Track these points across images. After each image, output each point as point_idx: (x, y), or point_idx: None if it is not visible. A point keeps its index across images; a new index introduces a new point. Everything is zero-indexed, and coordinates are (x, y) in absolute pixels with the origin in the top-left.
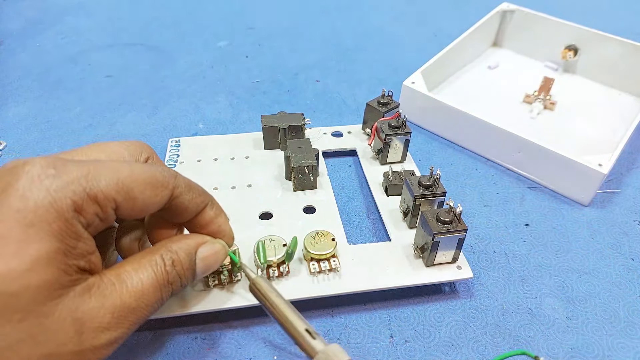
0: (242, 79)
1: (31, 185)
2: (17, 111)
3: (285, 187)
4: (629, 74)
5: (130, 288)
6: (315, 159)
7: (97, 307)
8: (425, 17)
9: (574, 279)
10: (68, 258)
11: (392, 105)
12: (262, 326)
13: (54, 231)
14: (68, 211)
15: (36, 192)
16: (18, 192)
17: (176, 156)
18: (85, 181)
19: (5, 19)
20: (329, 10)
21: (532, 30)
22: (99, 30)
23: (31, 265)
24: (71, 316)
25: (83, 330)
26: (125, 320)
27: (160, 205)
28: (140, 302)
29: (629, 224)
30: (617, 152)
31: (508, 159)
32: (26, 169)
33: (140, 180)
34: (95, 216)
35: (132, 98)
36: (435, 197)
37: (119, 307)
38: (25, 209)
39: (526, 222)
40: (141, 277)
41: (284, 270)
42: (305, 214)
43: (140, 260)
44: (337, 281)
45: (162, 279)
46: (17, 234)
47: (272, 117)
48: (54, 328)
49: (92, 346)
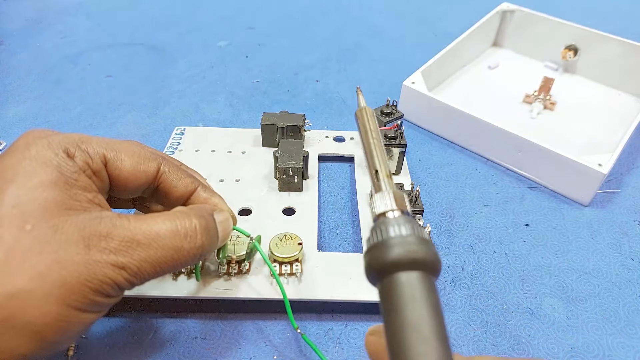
0: (242, 79)
1: (34, 140)
2: (17, 111)
3: (271, 186)
4: (629, 73)
5: (145, 227)
6: (302, 161)
7: (105, 232)
8: (425, 17)
9: (574, 278)
10: (71, 186)
11: (396, 114)
12: (263, 325)
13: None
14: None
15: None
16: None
17: (177, 144)
18: (78, 138)
19: (5, 19)
20: (329, 10)
21: (532, 30)
22: (99, 30)
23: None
24: (79, 232)
25: (90, 246)
26: (134, 252)
27: (149, 176)
28: (153, 242)
29: (629, 224)
30: (617, 152)
31: (508, 159)
32: (28, 132)
33: (128, 149)
34: (87, 165)
35: (132, 98)
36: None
37: (127, 238)
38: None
39: (526, 222)
40: (159, 223)
41: (244, 267)
42: (284, 215)
43: (167, 213)
44: (294, 286)
45: (184, 229)
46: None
47: (272, 116)
48: (62, 239)
49: (98, 261)
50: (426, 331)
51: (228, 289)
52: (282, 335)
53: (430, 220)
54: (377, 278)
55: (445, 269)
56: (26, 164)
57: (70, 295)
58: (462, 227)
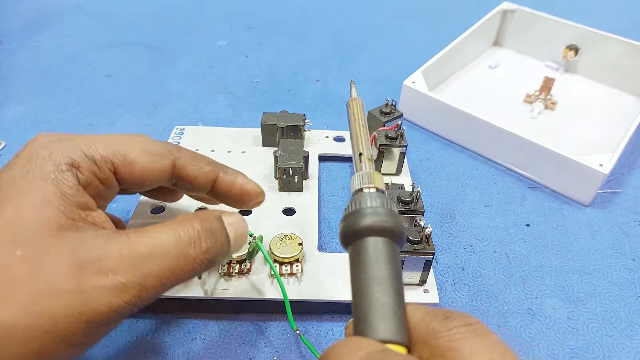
0: (242, 78)
1: (37, 148)
2: (16, 111)
3: (271, 186)
4: (630, 73)
5: (145, 238)
6: (302, 161)
7: (100, 247)
8: (426, 17)
9: (575, 279)
10: (66, 203)
11: (395, 114)
12: (263, 326)
13: (51, 179)
14: (64, 164)
15: (40, 151)
16: (26, 154)
17: (177, 142)
18: (85, 144)
19: (5, 19)
20: (329, 9)
21: (532, 29)
22: (98, 30)
23: (31, 204)
24: (72, 254)
25: (83, 270)
26: (135, 267)
27: (164, 173)
28: (155, 250)
29: (630, 224)
30: (618, 152)
31: (509, 159)
32: (34, 139)
33: (138, 148)
34: (93, 175)
35: (132, 98)
36: (412, 215)
37: (126, 250)
38: (29, 164)
39: (527, 222)
40: (161, 232)
41: (244, 267)
42: (284, 215)
43: (168, 222)
44: (294, 287)
45: (187, 235)
46: (20, 181)
47: (272, 115)
48: (53, 264)
49: (93, 287)
50: (387, 286)
51: (228, 289)
52: (282, 336)
53: (430, 220)
54: (350, 242)
55: (445, 270)
56: (24, 179)
57: (61, 328)
58: (462, 227)
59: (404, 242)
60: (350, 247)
